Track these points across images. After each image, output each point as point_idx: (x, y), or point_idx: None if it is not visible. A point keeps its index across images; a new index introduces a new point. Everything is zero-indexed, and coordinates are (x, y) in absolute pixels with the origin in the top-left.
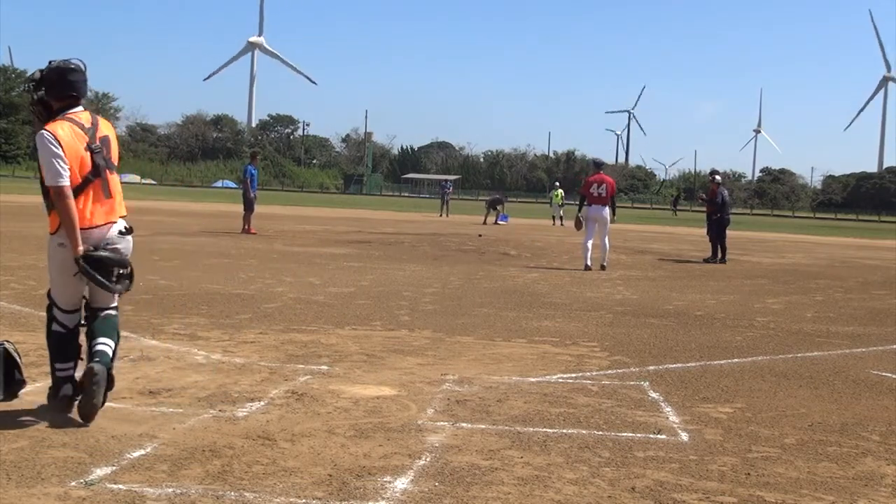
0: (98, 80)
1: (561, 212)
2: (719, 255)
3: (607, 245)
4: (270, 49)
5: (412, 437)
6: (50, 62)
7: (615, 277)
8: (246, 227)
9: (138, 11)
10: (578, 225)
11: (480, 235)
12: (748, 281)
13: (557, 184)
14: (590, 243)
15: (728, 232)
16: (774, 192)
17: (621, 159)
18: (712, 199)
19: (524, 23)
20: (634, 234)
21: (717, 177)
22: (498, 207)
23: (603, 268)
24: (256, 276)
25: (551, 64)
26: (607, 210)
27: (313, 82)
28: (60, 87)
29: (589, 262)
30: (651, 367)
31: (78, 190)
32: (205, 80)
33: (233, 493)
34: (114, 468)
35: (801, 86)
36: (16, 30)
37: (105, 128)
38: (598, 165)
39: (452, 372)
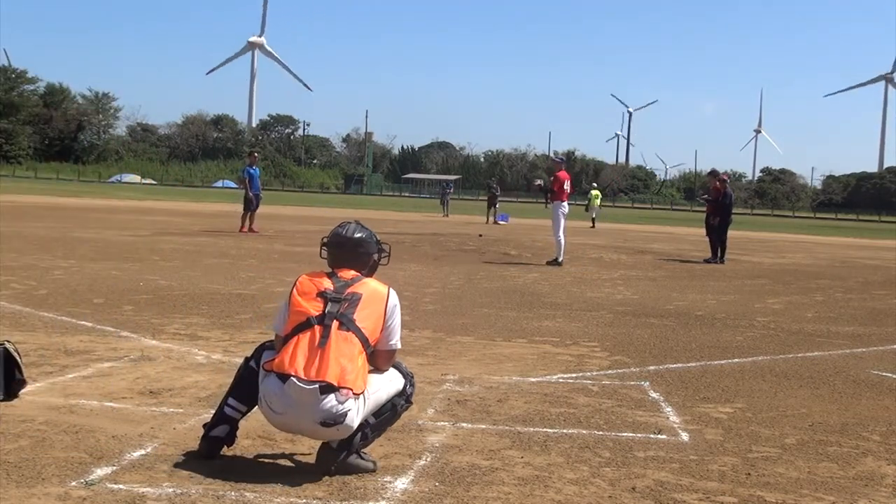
0: (98, 79)
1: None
2: (719, 255)
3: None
4: (270, 50)
5: (412, 436)
6: None
7: (615, 277)
8: (244, 226)
9: (138, 11)
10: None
11: (481, 235)
12: (749, 281)
13: (595, 184)
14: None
15: (728, 232)
16: (775, 192)
17: (622, 159)
18: (716, 199)
19: (525, 22)
20: (635, 234)
21: (724, 175)
22: (496, 205)
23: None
24: (256, 276)
25: (551, 64)
26: None
27: (309, 88)
28: None
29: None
30: (651, 367)
31: None
32: (207, 73)
33: (233, 493)
34: (114, 468)
35: (801, 86)
36: (16, 30)
37: None
38: (559, 162)
39: (453, 372)
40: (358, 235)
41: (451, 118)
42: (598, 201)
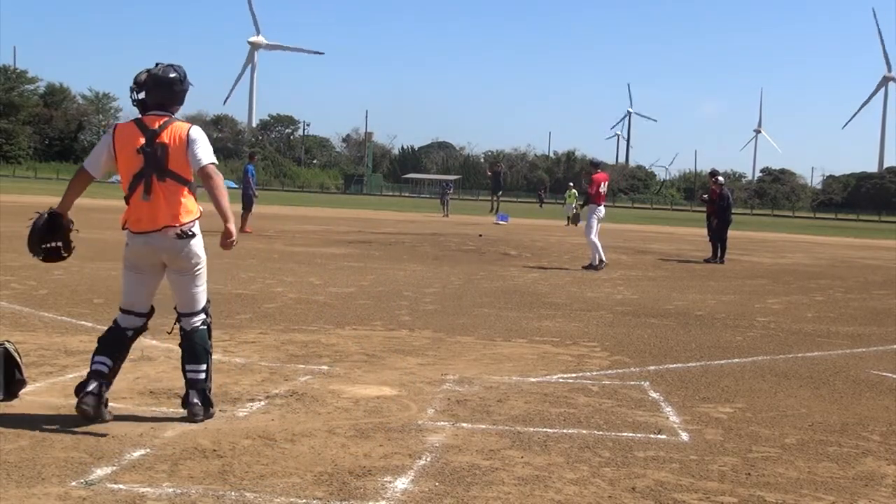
0: (98, 79)
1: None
2: (718, 256)
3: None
4: (271, 43)
5: (412, 436)
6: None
7: (615, 277)
8: (245, 225)
9: (138, 12)
10: (577, 220)
11: (481, 235)
12: (749, 281)
13: (571, 184)
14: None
15: (729, 232)
16: (775, 192)
17: (622, 159)
18: (713, 200)
19: (524, 22)
20: (634, 234)
21: (720, 177)
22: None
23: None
24: (256, 276)
25: (551, 64)
26: None
27: (320, 53)
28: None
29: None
30: (651, 367)
31: None
32: (224, 103)
33: (233, 493)
34: (114, 468)
35: (801, 86)
36: (17, 29)
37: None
38: (596, 165)
39: (453, 372)
40: (172, 75)
41: (451, 118)
42: (573, 200)
